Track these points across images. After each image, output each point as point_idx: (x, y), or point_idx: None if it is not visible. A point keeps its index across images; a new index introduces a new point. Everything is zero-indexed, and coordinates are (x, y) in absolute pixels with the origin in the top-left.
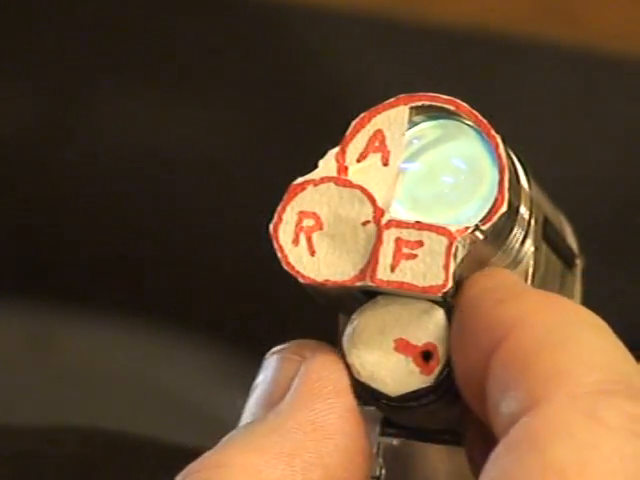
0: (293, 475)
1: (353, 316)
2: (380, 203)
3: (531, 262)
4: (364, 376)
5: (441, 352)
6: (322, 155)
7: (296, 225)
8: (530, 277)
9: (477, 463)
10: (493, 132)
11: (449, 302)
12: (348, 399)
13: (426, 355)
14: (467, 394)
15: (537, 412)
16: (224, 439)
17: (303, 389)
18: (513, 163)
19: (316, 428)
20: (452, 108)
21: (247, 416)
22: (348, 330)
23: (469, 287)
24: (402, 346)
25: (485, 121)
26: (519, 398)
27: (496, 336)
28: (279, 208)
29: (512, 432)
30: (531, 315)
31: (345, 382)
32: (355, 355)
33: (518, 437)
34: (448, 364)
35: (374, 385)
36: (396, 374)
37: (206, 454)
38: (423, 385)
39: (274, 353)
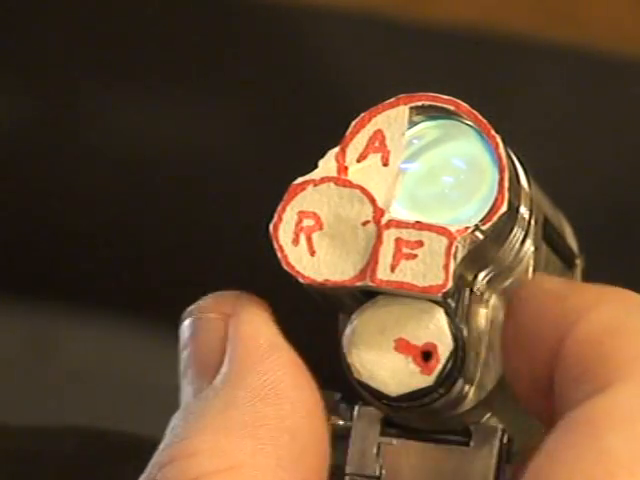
0: (263, 447)
1: (353, 316)
2: (380, 203)
3: (531, 262)
4: (364, 376)
5: (441, 351)
6: (322, 155)
7: (296, 225)
8: (530, 277)
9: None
10: (493, 132)
11: (449, 302)
12: (286, 351)
13: (426, 355)
14: (527, 395)
15: (604, 395)
16: (179, 420)
17: (240, 351)
18: (513, 163)
19: (268, 392)
20: (452, 108)
21: (190, 389)
22: (348, 330)
23: (525, 290)
24: (402, 346)
25: (485, 121)
26: (592, 382)
27: (563, 328)
28: (279, 208)
29: (573, 412)
30: (596, 304)
31: (277, 334)
32: (355, 355)
33: (579, 418)
34: (448, 363)
35: (374, 385)
36: (396, 374)
37: (168, 442)
38: (423, 385)
39: (191, 314)
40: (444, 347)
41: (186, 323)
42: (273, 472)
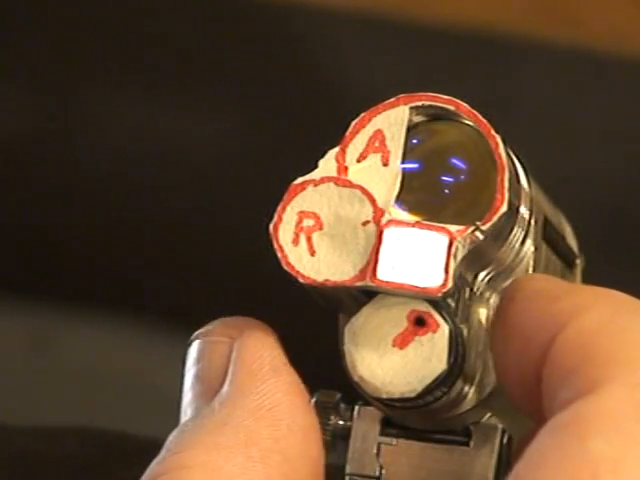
0: (253, 465)
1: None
2: (380, 203)
3: (531, 262)
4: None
5: (431, 312)
6: (322, 155)
7: (296, 225)
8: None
9: None
10: (493, 132)
11: (449, 302)
12: (288, 375)
13: (419, 321)
14: (517, 395)
15: (590, 397)
16: (174, 436)
17: (242, 373)
18: (513, 163)
19: (265, 413)
20: (452, 108)
21: (190, 409)
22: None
23: (518, 289)
24: (400, 342)
25: (485, 121)
26: (579, 383)
27: (554, 329)
28: (279, 208)
29: (560, 415)
30: (588, 306)
31: (281, 358)
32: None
33: (565, 420)
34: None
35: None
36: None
37: (163, 455)
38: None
39: (199, 337)
40: (433, 309)
41: (193, 346)
42: None
